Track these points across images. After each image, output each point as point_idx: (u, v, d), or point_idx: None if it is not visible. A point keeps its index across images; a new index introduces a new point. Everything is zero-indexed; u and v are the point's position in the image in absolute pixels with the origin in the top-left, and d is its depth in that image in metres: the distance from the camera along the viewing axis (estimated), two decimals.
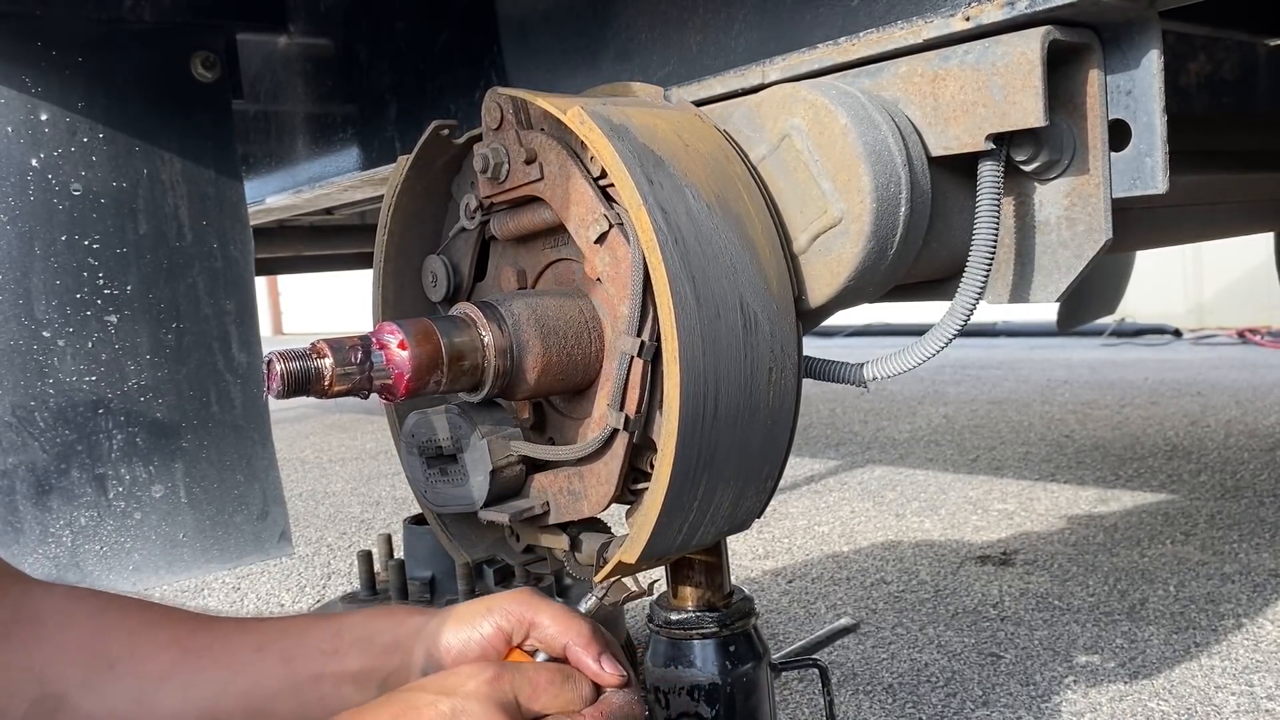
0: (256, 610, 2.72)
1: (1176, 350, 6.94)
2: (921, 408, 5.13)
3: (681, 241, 0.85)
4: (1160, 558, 2.60)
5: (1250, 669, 1.96)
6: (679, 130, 0.92)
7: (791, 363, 0.93)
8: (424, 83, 1.55)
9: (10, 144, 1.49)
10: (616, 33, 1.24)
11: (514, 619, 0.95)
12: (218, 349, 1.65)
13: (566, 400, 1.03)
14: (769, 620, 2.34)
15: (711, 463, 0.89)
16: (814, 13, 1.01)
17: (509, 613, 0.95)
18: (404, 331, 0.90)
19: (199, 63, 1.61)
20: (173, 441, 1.61)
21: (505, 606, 0.96)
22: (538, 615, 0.95)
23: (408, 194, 1.10)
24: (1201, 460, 3.63)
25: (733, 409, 0.88)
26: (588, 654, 0.93)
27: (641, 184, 0.84)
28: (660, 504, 0.87)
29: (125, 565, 1.58)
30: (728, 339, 0.87)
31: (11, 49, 1.49)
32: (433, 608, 1.01)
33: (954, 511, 3.18)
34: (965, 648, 2.12)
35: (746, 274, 0.89)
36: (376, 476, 4.41)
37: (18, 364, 1.50)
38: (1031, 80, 0.84)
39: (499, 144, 0.99)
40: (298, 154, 1.85)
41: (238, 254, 1.67)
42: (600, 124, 0.87)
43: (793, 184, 0.94)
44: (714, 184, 0.90)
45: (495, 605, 0.96)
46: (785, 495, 3.50)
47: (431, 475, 1.02)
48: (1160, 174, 0.86)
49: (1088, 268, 0.91)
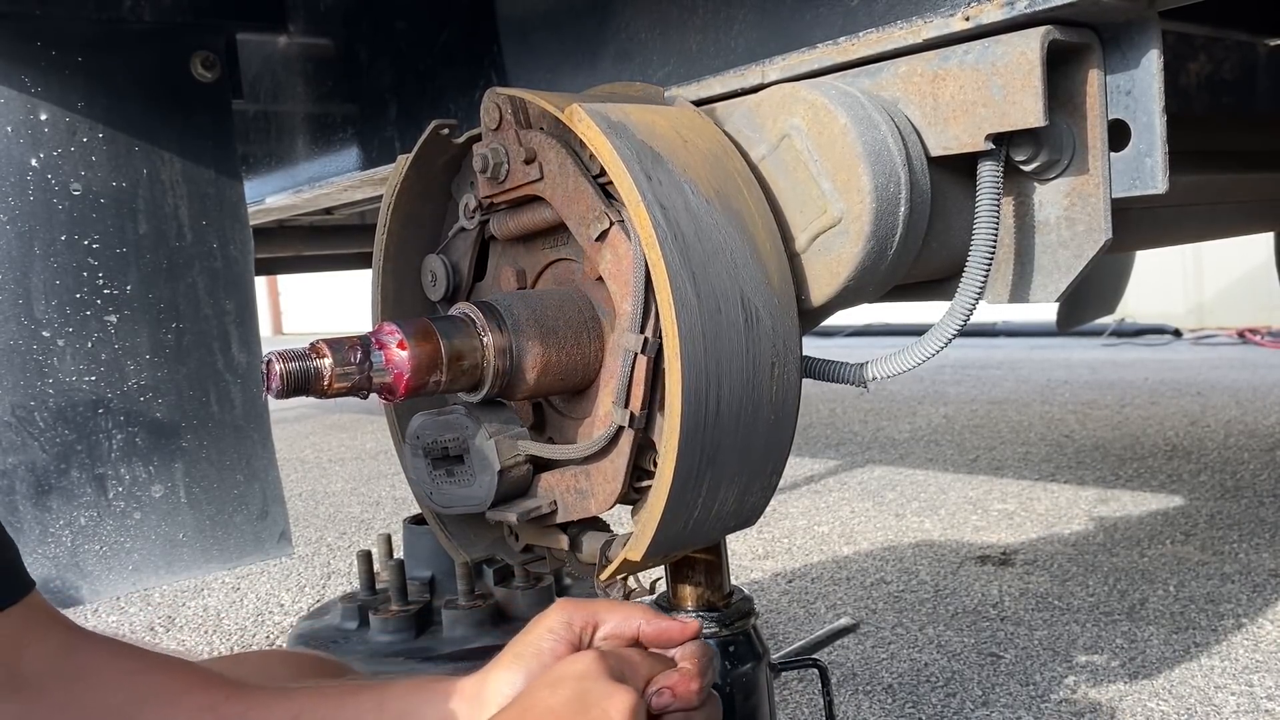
0: (256, 610, 2.72)
1: (1176, 350, 6.94)
2: (921, 408, 5.13)
3: (681, 237, 0.85)
4: (1160, 558, 2.60)
5: (1250, 669, 1.96)
6: (678, 127, 0.92)
7: (794, 357, 0.93)
8: (424, 82, 1.55)
9: (10, 144, 1.49)
10: (616, 33, 1.24)
11: (577, 626, 0.93)
12: (218, 349, 1.65)
13: (566, 400, 1.03)
14: (769, 620, 2.34)
15: (715, 459, 0.88)
16: (814, 13, 1.01)
17: (567, 623, 0.93)
18: (403, 331, 0.90)
19: (199, 63, 1.61)
20: (172, 441, 1.61)
21: (558, 618, 0.93)
22: (598, 615, 0.93)
23: (407, 194, 1.10)
24: (1201, 460, 3.63)
25: (735, 404, 0.88)
26: (662, 621, 0.93)
27: (640, 180, 0.84)
28: (664, 501, 0.87)
29: (125, 565, 1.58)
30: (729, 334, 0.86)
31: (11, 49, 1.48)
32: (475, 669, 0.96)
33: (954, 511, 3.18)
34: (965, 648, 2.12)
35: (747, 269, 0.89)
36: (376, 476, 4.41)
37: (17, 364, 1.50)
38: (1031, 80, 0.84)
39: (498, 144, 0.99)
40: (297, 154, 1.85)
41: (238, 254, 1.67)
42: (598, 121, 0.87)
43: (792, 184, 0.94)
44: (713, 179, 0.90)
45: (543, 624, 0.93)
46: (785, 495, 3.50)
47: (437, 476, 1.02)
48: (1160, 174, 0.86)
49: (1088, 268, 0.91)
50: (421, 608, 2.00)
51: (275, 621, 2.63)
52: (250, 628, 2.60)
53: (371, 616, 1.98)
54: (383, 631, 1.95)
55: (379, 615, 1.97)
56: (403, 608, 1.98)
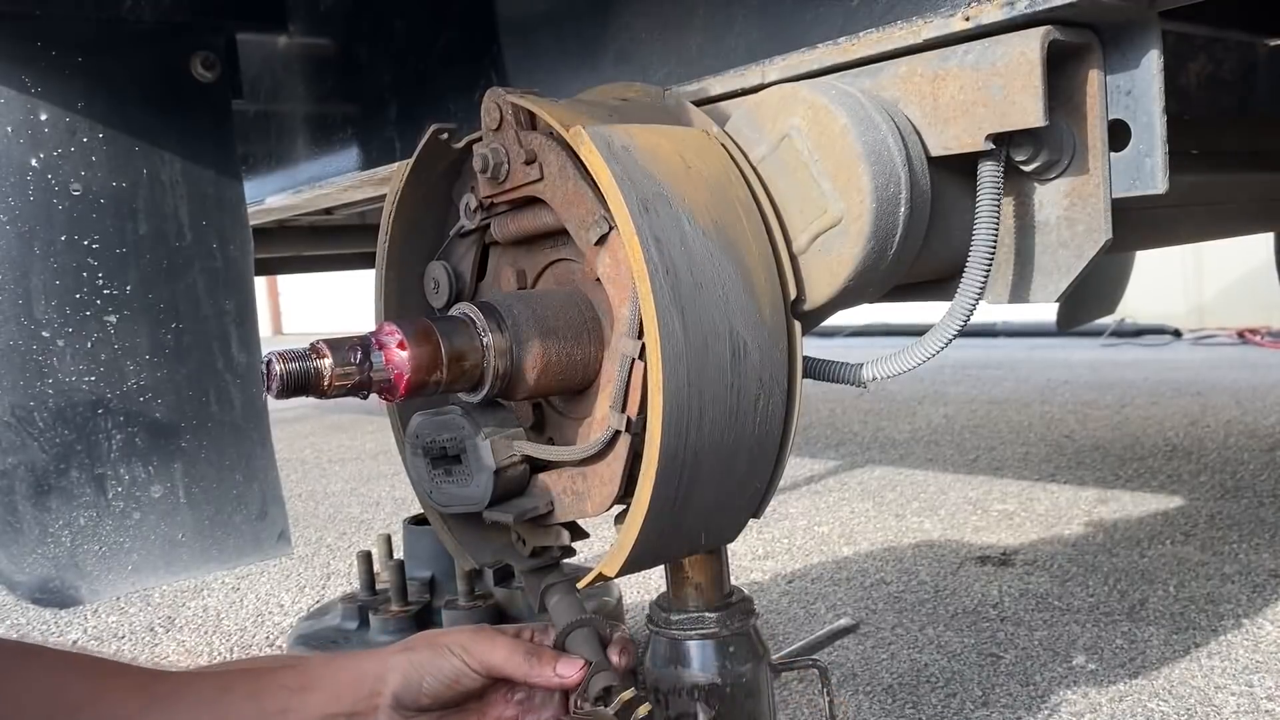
0: (256, 610, 2.72)
1: (1176, 350, 6.94)
2: (921, 408, 5.13)
3: (673, 271, 0.85)
4: (1160, 558, 2.60)
5: (1250, 669, 1.96)
6: (683, 150, 0.93)
7: (780, 389, 0.94)
8: (424, 82, 1.55)
9: (10, 144, 1.49)
10: (616, 33, 1.24)
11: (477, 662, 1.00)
12: (217, 349, 1.65)
13: (566, 400, 1.03)
14: (769, 620, 2.34)
15: (693, 486, 0.90)
16: (814, 13, 1.01)
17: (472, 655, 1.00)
18: (403, 332, 0.90)
19: (199, 63, 1.61)
20: (172, 441, 1.61)
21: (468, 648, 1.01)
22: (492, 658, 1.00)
23: (408, 200, 1.10)
24: (1201, 460, 3.63)
25: (717, 436, 0.89)
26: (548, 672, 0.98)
27: (636, 213, 0.85)
28: (640, 525, 0.89)
29: (124, 565, 1.58)
30: (714, 368, 0.88)
31: (11, 49, 1.48)
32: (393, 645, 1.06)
33: (954, 512, 3.18)
34: (965, 648, 2.12)
35: (738, 302, 0.90)
36: (376, 477, 4.41)
37: (17, 364, 1.50)
38: (1031, 80, 0.84)
39: (498, 144, 0.98)
40: (297, 154, 1.85)
41: (237, 254, 1.67)
42: (600, 146, 0.87)
43: (792, 184, 0.94)
44: (712, 208, 0.91)
45: (455, 643, 1.01)
46: (785, 495, 3.50)
47: (436, 476, 1.02)
48: (1160, 174, 0.86)
49: (1088, 268, 0.91)
50: (421, 608, 2.00)
51: (275, 622, 2.63)
52: (250, 628, 2.60)
53: (372, 617, 1.98)
54: (383, 632, 1.95)
55: (379, 616, 1.97)
56: (403, 608, 1.98)
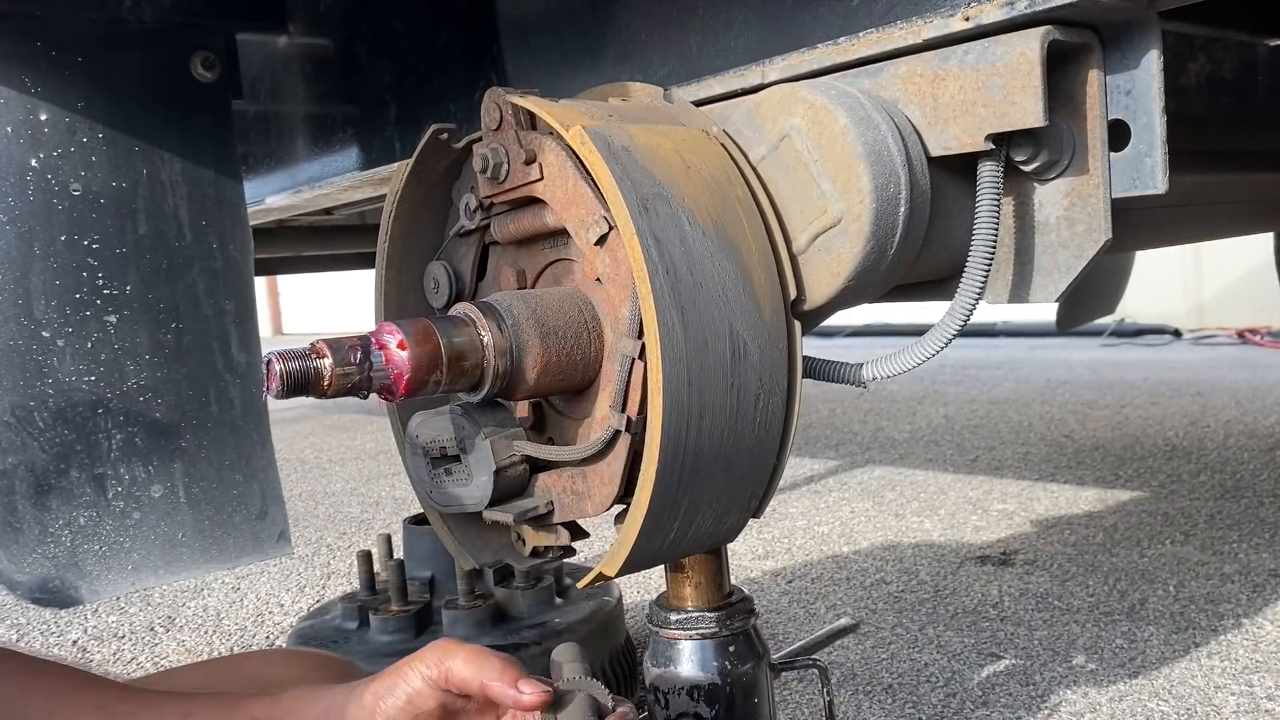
0: (256, 610, 2.72)
1: (1176, 350, 6.94)
2: (921, 408, 5.13)
3: (673, 272, 0.85)
4: (1160, 558, 2.60)
5: (1250, 669, 1.96)
6: (683, 150, 0.93)
7: (780, 389, 0.94)
8: (424, 83, 1.55)
9: (10, 144, 1.49)
10: (616, 33, 1.24)
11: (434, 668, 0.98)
12: (217, 349, 1.65)
13: (566, 400, 1.03)
14: (769, 620, 2.34)
15: (693, 486, 0.90)
16: (814, 13, 1.01)
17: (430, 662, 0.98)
18: (403, 332, 0.90)
19: (199, 63, 1.61)
20: (172, 441, 1.61)
21: (426, 658, 0.99)
22: (452, 661, 0.97)
23: (408, 200, 1.10)
24: (1201, 460, 3.63)
25: (717, 436, 0.89)
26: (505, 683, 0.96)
27: (636, 214, 0.85)
28: (640, 525, 0.89)
29: (124, 565, 1.58)
30: (714, 368, 0.88)
31: (11, 49, 1.48)
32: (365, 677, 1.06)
33: (954, 511, 3.18)
34: (965, 648, 2.12)
35: (738, 302, 0.90)
36: (376, 477, 4.41)
37: (17, 364, 1.50)
38: (1031, 80, 0.84)
39: (498, 144, 0.98)
40: (297, 154, 1.85)
41: (237, 254, 1.67)
42: (599, 146, 0.87)
43: (792, 184, 0.94)
44: (712, 209, 0.91)
45: (417, 658, 0.99)
46: (785, 495, 3.50)
47: (436, 476, 1.02)
48: (1160, 174, 0.86)
49: (1087, 268, 0.91)
50: (421, 608, 1.99)
51: (275, 621, 2.63)
52: (250, 628, 2.60)
53: (372, 616, 1.98)
54: (383, 631, 1.95)
55: (379, 615, 1.97)
56: (403, 608, 1.98)
